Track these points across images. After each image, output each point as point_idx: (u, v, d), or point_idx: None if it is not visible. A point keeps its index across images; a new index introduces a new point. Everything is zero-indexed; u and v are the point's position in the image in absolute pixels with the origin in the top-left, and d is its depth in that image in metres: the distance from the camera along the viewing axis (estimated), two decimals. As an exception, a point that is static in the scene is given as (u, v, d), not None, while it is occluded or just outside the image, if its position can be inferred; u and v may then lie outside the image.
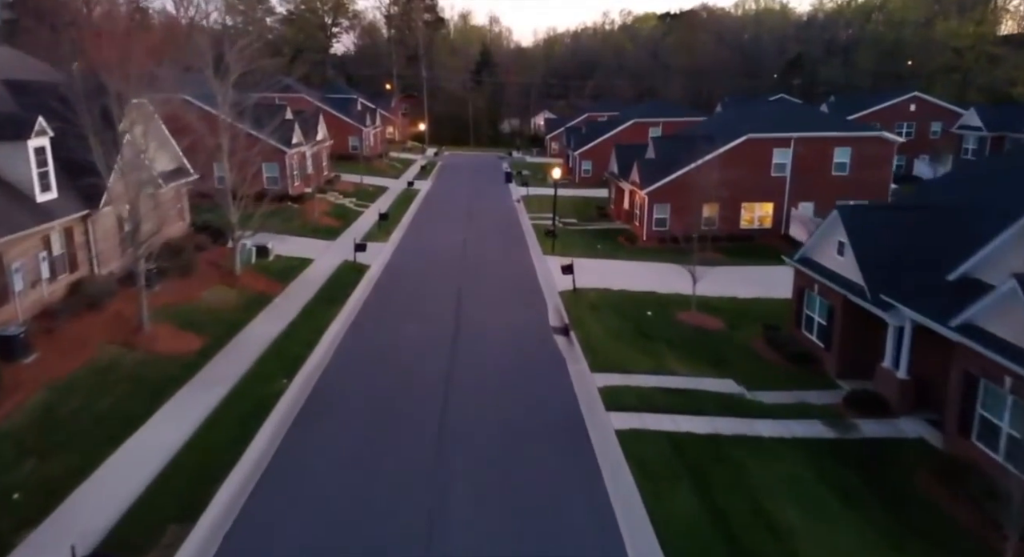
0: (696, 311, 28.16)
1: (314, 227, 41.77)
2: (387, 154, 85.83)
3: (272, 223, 38.01)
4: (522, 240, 41.55)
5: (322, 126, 55.07)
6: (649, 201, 42.70)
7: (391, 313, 26.95)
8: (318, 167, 53.69)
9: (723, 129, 46.22)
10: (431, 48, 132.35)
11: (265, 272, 31.10)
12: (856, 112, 71.86)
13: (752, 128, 42.32)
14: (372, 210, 50.41)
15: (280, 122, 45.74)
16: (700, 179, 40.83)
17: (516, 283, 31.62)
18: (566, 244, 40.14)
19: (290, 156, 45.58)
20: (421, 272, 33.37)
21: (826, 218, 22.90)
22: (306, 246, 37.24)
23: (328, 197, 50.89)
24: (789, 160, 42.48)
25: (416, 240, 40.79)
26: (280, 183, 45.40)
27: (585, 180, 72.05)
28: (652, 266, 36.70)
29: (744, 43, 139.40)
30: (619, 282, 32.63)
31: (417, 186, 64.14)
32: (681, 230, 43.21)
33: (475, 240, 40.99)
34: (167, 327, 22.55)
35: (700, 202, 42.50)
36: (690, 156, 43.20)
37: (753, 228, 43.31)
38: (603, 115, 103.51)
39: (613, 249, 41.32)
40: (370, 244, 38.79)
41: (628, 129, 72.45)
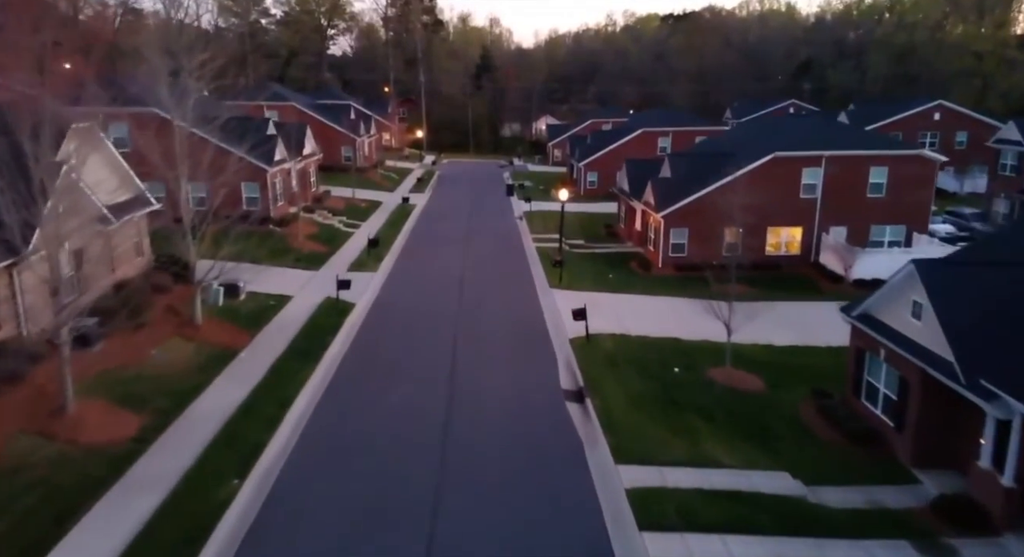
0: (730, 367, 24.24)
1: (297, 254, 37.87)
2: (383, 164, 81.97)
3: (247, 252, 34.23)
4: (526, 269, 37.65)
5: (310, 139, 51.20)
6: (665, 225, 38.82)
7: (373, 374, 23.01)
8: (305, 184, 49.82)
9: (745, 145, 42.33)
10: (430, 51, 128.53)
11: (233, 317, 27.19)
12: (877, 121, 68.13)
13: (779, 145, 38.42)
14: (363, 231, 46.49)
15: (262, 137, 41.92)
16: (722, 201, 37.00)
17: (520, 328, 27.69)
18: (574, 273, 36.25)
19: (272, 174, 41.72)
20: (411, 313, 29.45)
21: (897, 274, 18.96)
22: (285, 279, 33.36)
23: (316, 217, 47.00)
24: (820, 181, 38.58)
25: (408, 270, 36.87)
26: (261, 204, 41.53)
27: (591, 192, 68.23)
28: (672, 302, 32.79)
29: (751, 46, 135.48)
30: (637, 324, 28.74)
31: (413, 201, 60.25)
32: (701, 257, 39.45)
33: (474, 270, 37.07)
34: (99, 404, 18.65)
35: (721, 226, 38.72)
36: (710, 175, 39.38)
37: (780, 255, 39.41)
38: (607, 121, 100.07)
39: (626, 278, 37.40)
40: (357, 275, 34.92)
41: (636, 139, 68.65)
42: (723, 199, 36.86)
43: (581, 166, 68.99)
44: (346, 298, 30.53)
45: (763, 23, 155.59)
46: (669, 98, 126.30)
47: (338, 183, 60.25)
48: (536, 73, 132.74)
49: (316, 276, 34.66)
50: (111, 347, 22.04)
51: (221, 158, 37.45)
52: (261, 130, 42.51)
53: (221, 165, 29.97)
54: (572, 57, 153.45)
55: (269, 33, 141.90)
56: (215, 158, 33.47)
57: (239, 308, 28.45)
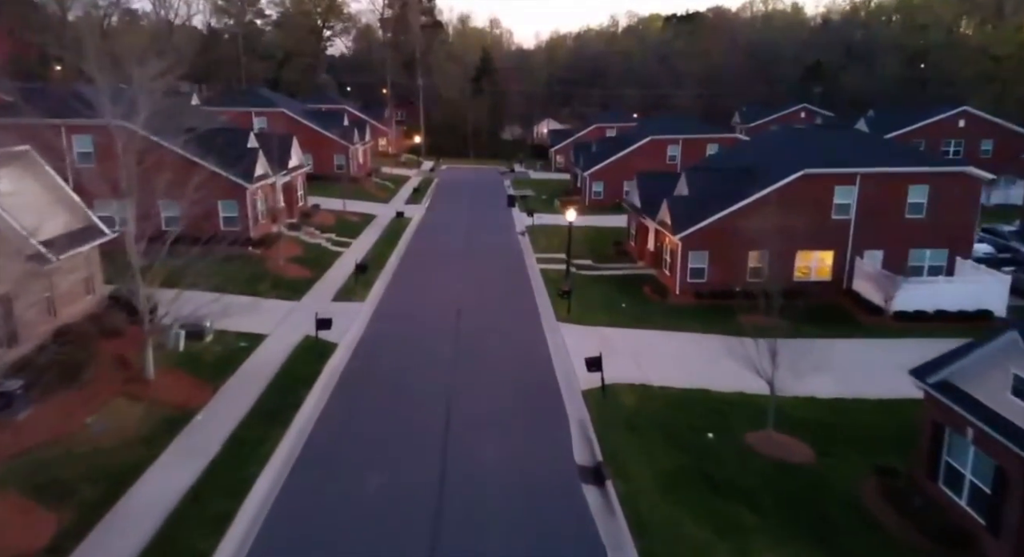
0: (772, 431, 20.69)
1: (276, 281, 34.32)
2: (378, 172, 78.42)
3: (221, 281, 30.69)
4: (530, 298, 34.08)
5: (296, 150, 47.65)
6: (683, 248, 35.27)
7: (351, 446, 19.43)
8: (291, 199, 46.27)
9: (768, 159, 38.79)
10: (428, 53, 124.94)
11: (194, 365, 23.64)
12: (898, 129, 64.72)
13: (809, 161, 34.87)
14: (353, 250, 42.95)
15: (241, 151, 38.40)
16: (746, 222, 33.53)
17: (526, 378, 24.11)
18: (583, 302, 32.69)
19: (252, 192, 38.15)
20: (400, 358, 25.83)
21: (993, 342, 15.37)
22: (261, 313, 29.77)
23: (302, 235, 43.44)
24: (854, 200, 35.02)
25: (399, 301, 33.29)
26: (240, 224, 37.99)
27: (596, 203, 64.72)
28: (695, 341, 29.22)
29: (758, 48, 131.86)
30: (658, 370, 25.19)
31: (409, 213, 56.69)
32: (722, 283, 35.94)
33: (472, 300, 33.50)
34: (9, 500, 15.11)
35: (745, 250, 35.28)
36: (731, 193, 35.86)
37: (809, 281, 35.83)
38: (612, 126, 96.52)
39: (640, 308, 33.84)
40: (342, 306, 31.40)
41: (644, 147, 65.11)
42: (747, 220, 33.48)
43: (586, 175, 65.47)
44: (328, 338, 27.00)
45: (767, 24, 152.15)
46: (674, 102, 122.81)
47: (330, 193, 56.80)
48: (537, 76, 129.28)
49: (297, 308, 31.10)
50: (39, 415, 18.51)
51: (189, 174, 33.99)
52: (241, 142, 38.98)
53: (195, 183, 26.39)
54: (574, 59, 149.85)
55: (265, 34, 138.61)
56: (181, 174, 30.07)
57: (203, 353, 24.89)
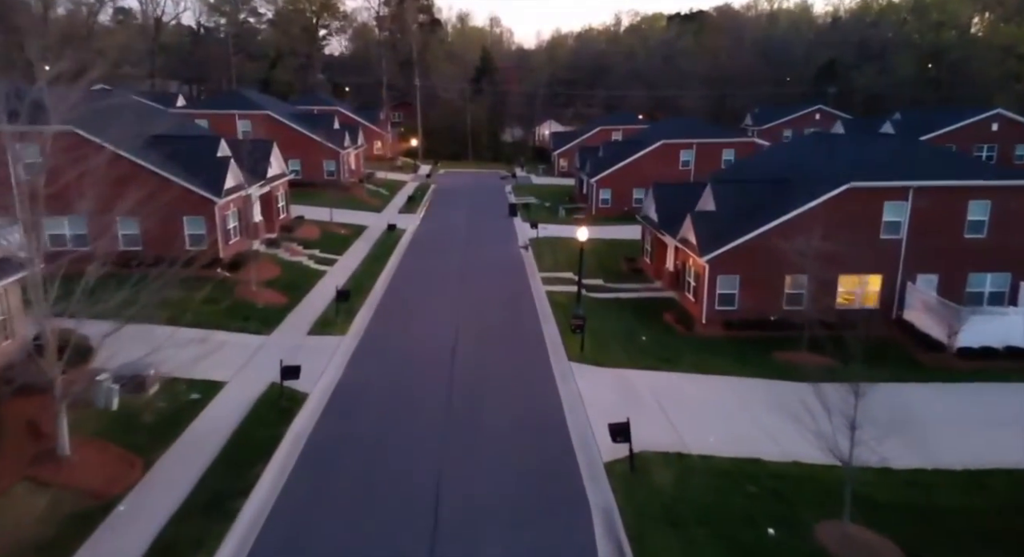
0: (848, 523, 16.32)
1: (246, 310, 29.99)
2: (371, 177, 74.09)
3: (174, 312, 26.43)
4: (536, 329, 29.71)
5: (277, 157, 43.31)
6: (711, 271, 30.95)
7: (312, 544, 15.10)
8: (270, 212, 41.92)
9: (804, 169, 34.51)
10: (426, 53, 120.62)
11: (127, 431, 19.29)
12: (927, 132, 60.50)
13: (854, 172, 30.56)
14: (338, 269, 38.63)
15: (210, 161, 34.07)
16: (783, 242, 29.31)
17: (535, 445, 19.67)
18: (597, 334, 28.33)
19: (222, 207, 33.80)
20: (380, 417, 21.41)
21: None
22: (223, 352, 25.40)
23: (281, 252, 39.08)
24: (905, 217, 30.71)
25: (385, 335, 28.88)
26: (208, 243, 33.65)
27: (604, 212, 60.50)
28: (732, 385, 24.86)
29: (767, 47, 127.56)
30: (695, 429, 20.84)
31: (402, 224, 52.37)
32: (756, 311, 31.61)
33: (470, 334, 29.12)
34: None
35: (782, 273, 31.00)
36: (764, 208, 31.58)
37: (854, 309, 31.47)
38: (617, 128, 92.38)
39: (664, 341, 29.49)
40: (319, 342, 27.10)
41: (655, 152, 60.89)
42: (784, 240, 29.27)
43: (593, 182, 61.15)
44: (297, 386, 22.65)
45: (772, 22, 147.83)
46: (681, 103, 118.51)
47: (318, 202, 52.52)
48: (539, 76, 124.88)
49: (266, 345, 26.75)
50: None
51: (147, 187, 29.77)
52: (209, 150, 34.64)
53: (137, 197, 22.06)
54: (576, 59, 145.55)
55: (260, 33, 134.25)
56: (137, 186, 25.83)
57: (142, 411, 20.54)
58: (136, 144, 33.62)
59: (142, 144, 34.12)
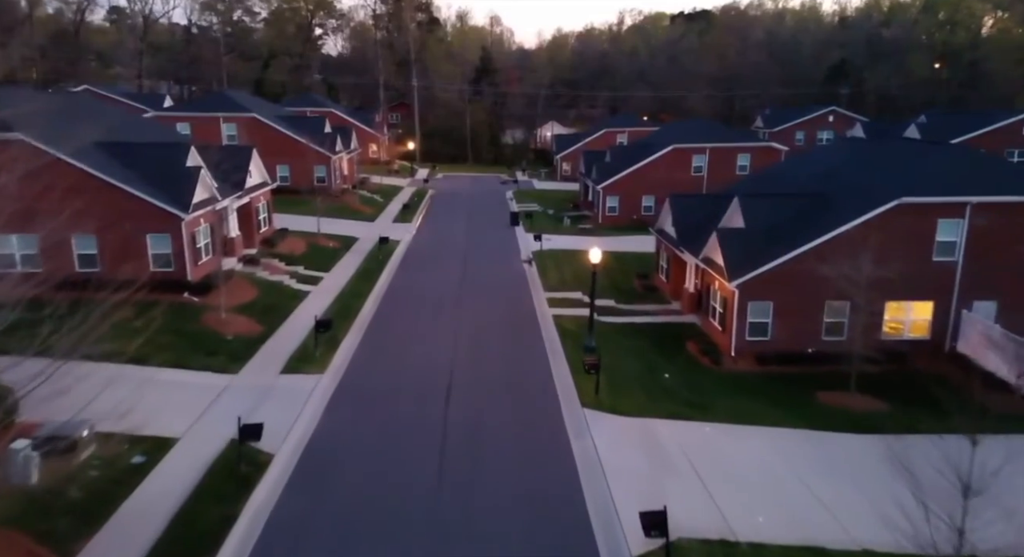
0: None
1: (213, 342, 26.37)
2: (366, 183, 70.50)
3: (122, 346, 22.77)
4: (543, 365, 26.05)
5: (258, 165, 39.66)
6: (741, 297, 27.34)
7: None
8: (249, 225, 38.28)
9: (841, 181, 30.94)
10: (424, 52, 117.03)
11: (45, 513, 15.61)
12: (955, 136, 56.80)
13: (904, 186, 26.94)
14: (323, 289, 35.03)
15: (177, 171, 30.45)
16: (822, 265, 25.74)
17: (545, 529, 16.02)
18: (615, 373, 24.70)
19: (190, 223, 30.17)
20: (359, 483, 17.78)
21: None
22: (179, 396, 21.92)
23: (260, 271, 35.45)
24: (961, 236, 27.12)
25: (370, 372, 25.21)
26: (175, 264, 30.04)
27: (611, 220, 57.09)
28: (774, 438, 21.20)
29: (775, 47, 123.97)
30: (739, 502, 17.17)
31: (396, 236, 48.69)
32: (792, 343, 27.98)
33: (467, 371, 25.49)
34: None
35: (821, 300, 27.42)
36: (800, 226, 27.99)
37: (901, 339, 27.91)
38: (622, 131, 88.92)
39: (689, 378, 25.84)
40: (292, 384, 23.51)
41: (666, 157, 57.35)
42: (824, 262, 25.71)
43: (599, 189, 57.59)
44: (261, 445, 19.02)
45: (779, 22, 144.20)
46: (687, 104, 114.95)
47: (307, 211, 48.72)
48: (540, 76, 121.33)
49: (230, 387, 23.13)
50: None
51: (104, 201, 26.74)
52: (177, 159, 31.00)
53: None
54: (578, 59, 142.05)
55: (255, 33, 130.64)
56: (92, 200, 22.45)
57: (70, 482, 16.90)
58: (95, 153, 30.04)
59: (103, 153, 30.54)
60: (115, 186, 28.96)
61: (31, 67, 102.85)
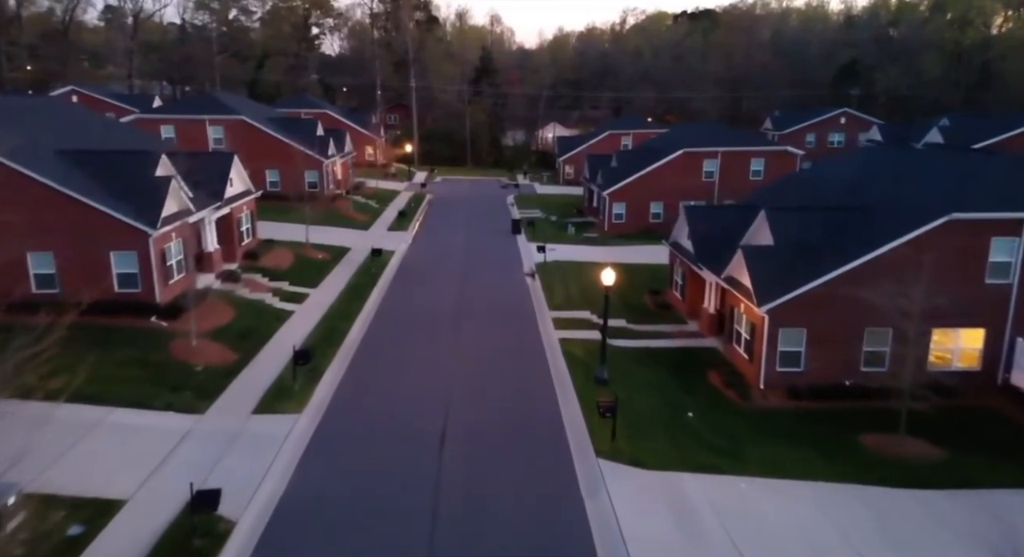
0: None
1: (180, 375, 23.49)
2: (361, 188, 67.65)
3: (68, 382, 19.96)
4: (550, 402, 23.16)
5: (240, 172, 36.74)
6: (772, 324, 24.49)
7: None
8: (231, 238, 35.39)
9: (879, 193, 28.09)
10: (422, 52, 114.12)
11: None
12: (981, 140, 54.09)
13: (957, 201, 24.08)
14: (308, 308, 32.16)
15: (145, 183, 27.57)
16: (862, 288, 22.93)
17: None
18: (633, 415, 21.84)
19: (159, 239, 27.27)
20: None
21: None
22: (133, 443, 19.06)
23: (239, 288, 32.55)
24: (1018, 257, 24.26)
25: (354, 412, 22.29)
26: (141, 284, 27.16)
27: (617, 228, 54.31)
28: (817, 496, 18.32)
29: (783, 46, 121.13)
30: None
31: (390, 246, 45.87)
32: (829, 374, 25.10)
33: (463, 410, 22.65)
34: None
35: (860, 327, 24.57)
36: (837, 244, 25.16)
37: (949, 370, 25.03)
38: (627, 133, 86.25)
39: (717, 418, 22.92)
40: (264, 427, 20.63)
41: (675, 162, 54.53)
42: (865, 285, 22.90)
43: (605, 195, 54.74)
44: (222, 509, 16.15)
45: (784, 21, 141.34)
46: (693, 105, 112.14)
47: (297, 219, 45.58)
48: (542, 76, 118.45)
49: (194, 432, 20.22)
50: None
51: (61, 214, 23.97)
52: (144, 168, 28.10)
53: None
54: (581, 59, 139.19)
55: (251, 32, 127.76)
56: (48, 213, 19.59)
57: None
58: (55, 163, 27.19)
59: (64, 162, 27.70)
60: (75, 199, 26.11)
61: (20, 67, 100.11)
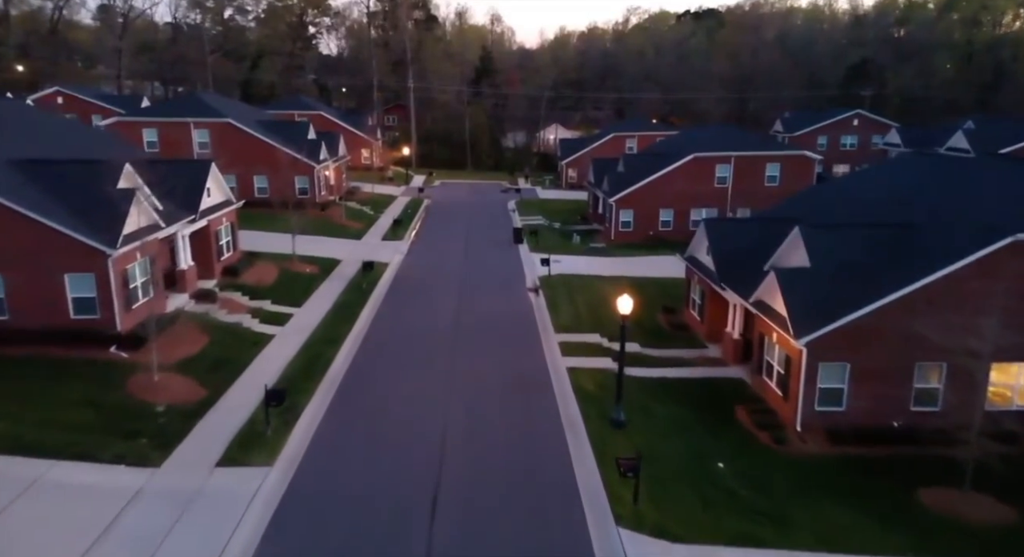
0: None
1: (137, 417, 20.56)
2: (355, 193, 64.75)
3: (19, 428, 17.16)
4: (562, 457, 20.11)
5: (218, 181, 33.74)
6: (811, 359, 21.56)
7: None
8: (208, 253, 32.44)
9: (923, 206, 25.16)
10: (421, 51, 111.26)
11: None
12: (1009, 144, 51.19)
13: (1019, 219, 21.17)
14: (290, 332, 29.21)
15: (101, 197, 24.59)
16: (913, 318, 20.05)
17: None
18: (655, 468, 18.86)
19: (120, 259, 24.34)
20: None
21: None
22: (68, 511, 16.13)
23: (216, 310, 29.62)
24: (1092, 281, 21.32)
25: (330, 472, 19.25)
26: (100, 311, 24.22)
27: (624, 236, 51.55)
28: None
29: (790, 46, 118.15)
30: None
31: (384, 258, 42.96)
32: (876, 416, 22.14)
33: (459, 466, 19.71)
34: None
35: (910, 361, 21.70)
36: (882, 267, 22.26)
37: (1011, 409, 22.09)
38: (632, 135, 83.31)
39: (750, 469, 19.88)
40: (225, 486, 17.67)
41: (686, 167, 51.68)
42: (915, 314, 20.01)
43: (612, 202, 51.84)
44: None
45: (788, 21, 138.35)
46: (699, 106, 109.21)
47: (285, 228, 42.42)
48: (543, 77, 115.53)
49: (145, 492, 17.22)
50: None
51: None
52: (103, 181, 25.09)
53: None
54: (583, 59, 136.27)
55: (247, 32, 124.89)
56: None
57: None
58: (5, 174, 24.28)
59: (16, 174, 24.79)
60: (24, 215, 23.20)
61: (9, 67, 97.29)
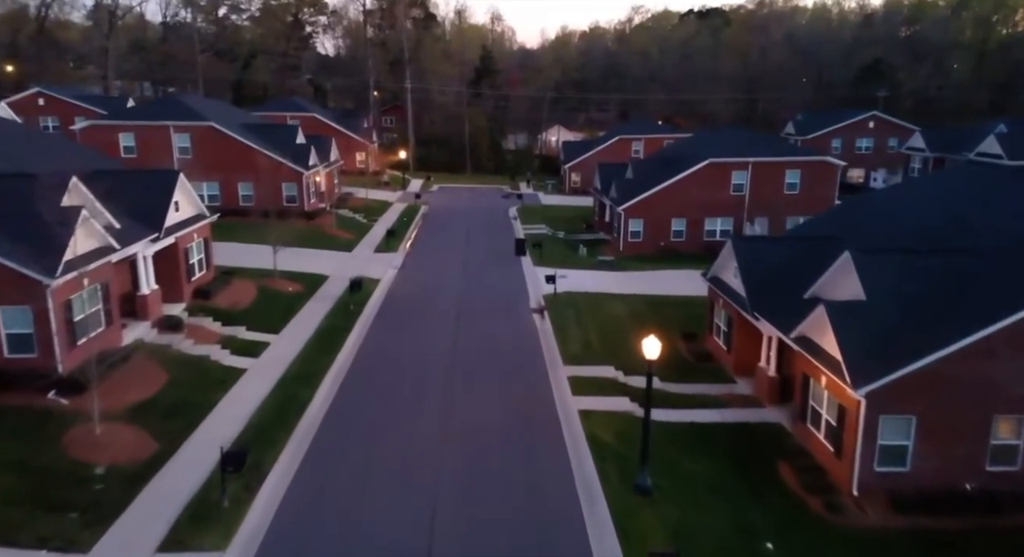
0: None
1: (71, 482, 17.20)
2: (348, 200, 61.38)
3: None
4: (578, 535, 16.78)
5: (188, 194, 30.30)
6: (871, 411, 18.16)
7: None
8: (176, 274, 29.01)
9: (989, 224, 21.79)
10: (420, 51, 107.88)
11: None
12: (1046, 148, 47.67)
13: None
14: (264, 365, 25.82)
15: (45, 216, 21.17)
16: (989, 363, 16.71)
17: None
18: (688, 546, 15.52)
19: (61, 290, 20.93)
20: None
21: None
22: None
23: (182, 340, 26.19)
24: None
25: (302, 540, 16.04)
26: (38, 349, 20.81)
27: (634, 247, 48.38)
28: None
29: (800, 45, 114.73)
30: None
31: (375, 274, 39.56)
32: (948, 475, 18.73)
33: (454, 536, 16.36)
34: None
35: (987, 413, 18.35)
36: (948, 298, 18.90)
37: (1107, 471, 18.68)
38: (638, 138, 79.99)
39: (803, 547, 16.60)
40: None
41: (699, 174, 48.33)
42: (993, 359, 16.67)
43: (621, 211, 48.48)
44: None
45: (794, 21, 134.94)
46: (705, 107, 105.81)
47: (266, 240, 38.80)
48: (545, 77, 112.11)
49: (64, 593, 13.91)
50: None
51: None
52: (46, 198, 21.62)
53: None
54: (585, 59, 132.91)
55: (245, 31, 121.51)
56: None
57: None
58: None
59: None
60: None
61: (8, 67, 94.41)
